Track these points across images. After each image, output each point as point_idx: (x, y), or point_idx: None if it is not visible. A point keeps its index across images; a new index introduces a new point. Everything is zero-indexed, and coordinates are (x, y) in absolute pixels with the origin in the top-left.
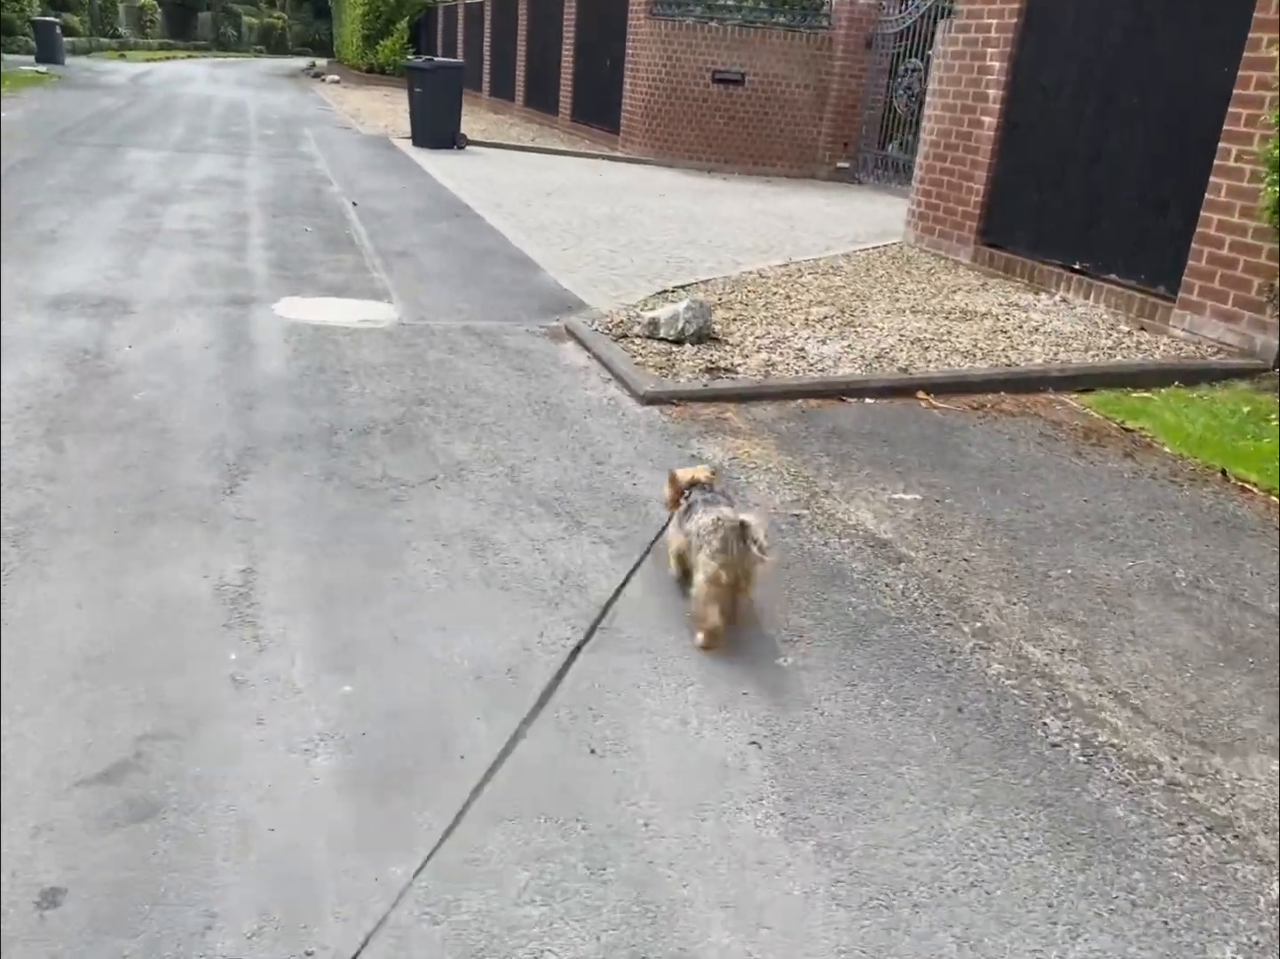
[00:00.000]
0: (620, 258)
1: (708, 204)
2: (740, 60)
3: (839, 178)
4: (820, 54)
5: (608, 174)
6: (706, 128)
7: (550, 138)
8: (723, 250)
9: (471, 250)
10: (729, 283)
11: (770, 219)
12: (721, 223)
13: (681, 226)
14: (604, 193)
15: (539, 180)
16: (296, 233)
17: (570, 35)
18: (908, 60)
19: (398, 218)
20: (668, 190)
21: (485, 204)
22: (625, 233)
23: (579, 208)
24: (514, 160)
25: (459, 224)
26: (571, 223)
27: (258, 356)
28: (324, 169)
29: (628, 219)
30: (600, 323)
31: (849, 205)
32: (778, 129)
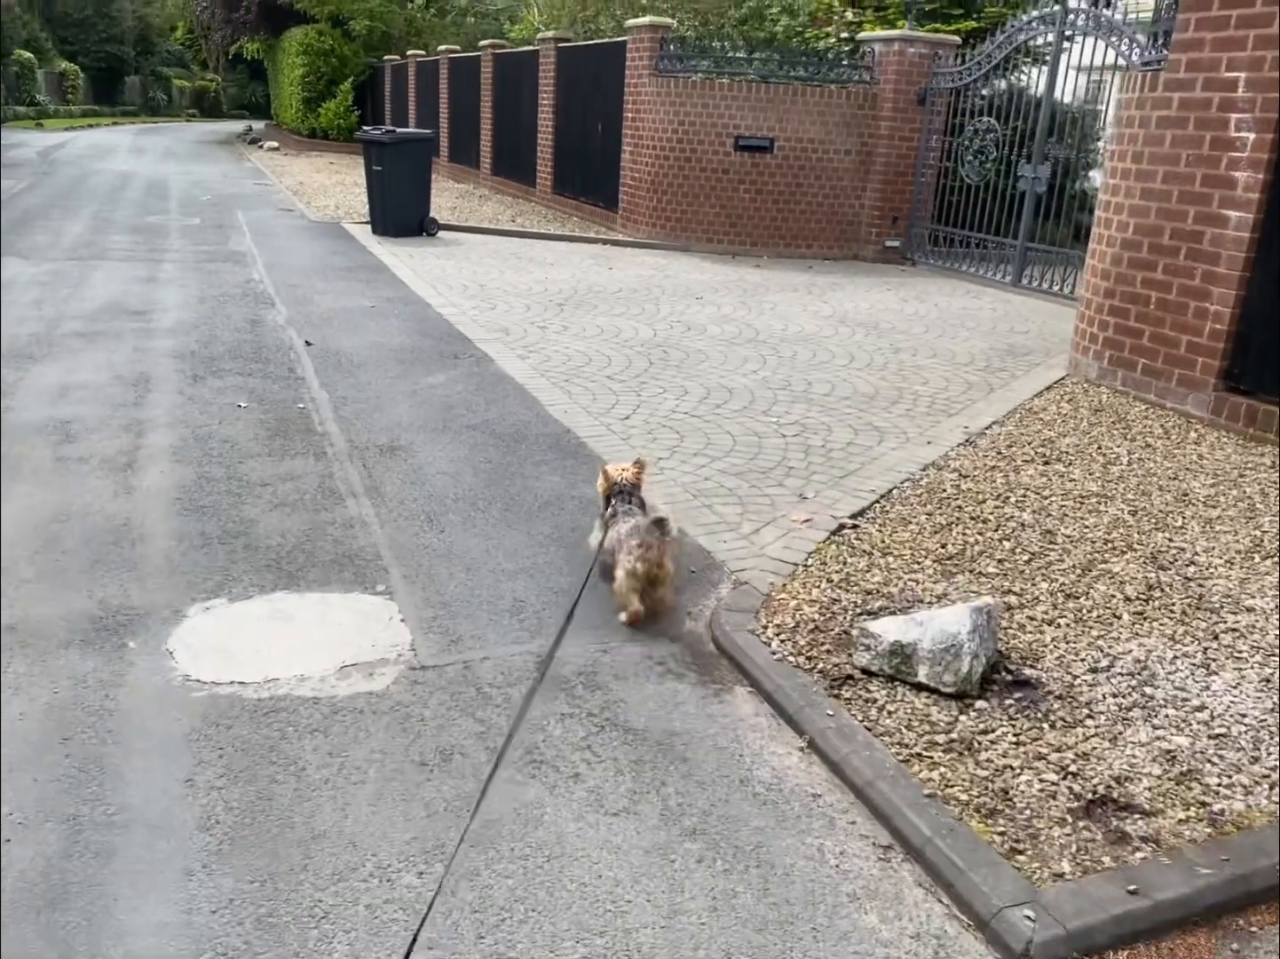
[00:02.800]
0: (712, 430)
1: (761, 309)
2: (768, 123)
3: (888, 258)
4: (863, 113)
5: (618, 266)
6: (729, 204)
7: (531, 215)
8: (843, 407)
9: (495, 432)
10: (923, 496)
11: (852, 332)
12: (799, 344)
13: (757, 357)
14: (627, 298)
15: (541, 281)
16: (225, 415)
17: (549, 95)
18: (977, 119)
19: (374, 368)
20: (702, 289)
21: (487, 330)
22: (689, 375)
23: (608, 329)
24: (499, 249)
25: (462, 373)
26: (611, 359)
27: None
28: (263, 279)
29: (680, 346)
30: (782, 636)
31: (926, 300)
32: (814, 203)
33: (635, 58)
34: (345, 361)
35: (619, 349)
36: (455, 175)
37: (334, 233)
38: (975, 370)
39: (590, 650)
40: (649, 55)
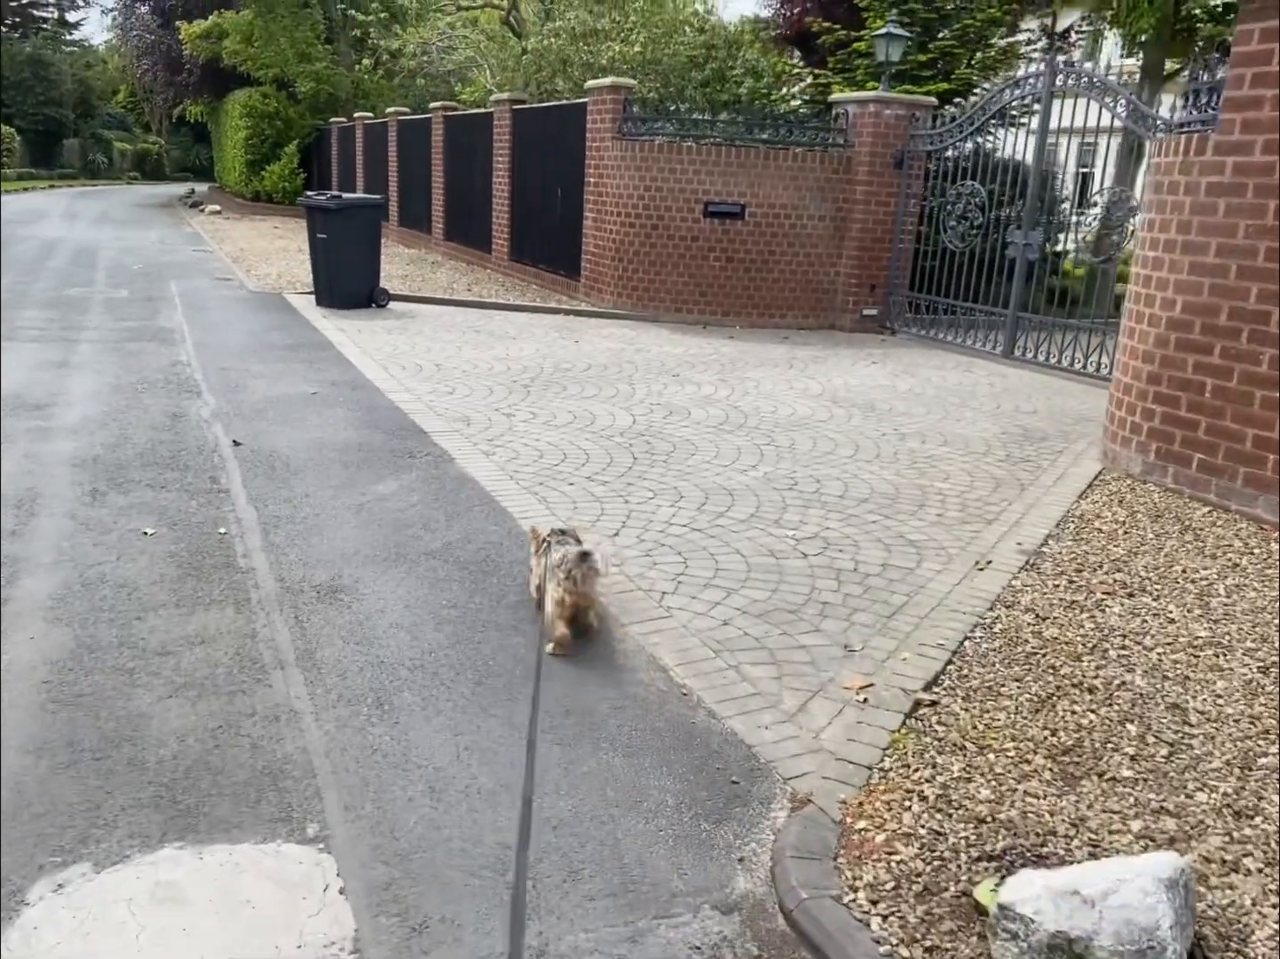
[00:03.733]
0: (719, 549)
1: (744, 388)
2: (739, 188)
3: (866, 327)
4: (837, 177)
5: (584, 338)
6: (699, 272)
7: (488, 284)
8: (864, 513)
9: (460, 560)
10: (1003, 652)
11: (849, 415)
12: (795, 430)
13: (752, 447)
14: (599, 377)
15: (502, 358)
16: (125, 547)
17: (505, 158)
18: (960, 183)
19: (314, 474)
20: (676, 364)
21: (445, 420)
22: (680, 473)
23: (581, 415)
24: (455, 322)
25: (418, 478)
26: (588, 455)
27: None
28: (191, 361)
29: (664, 434)
30: (882, 904)
31: (917, 375)
32: (788, 271)
33: (597, 120)
34: (280, 466)
35: (596, 440)
36: (406, 240)
37: (275, 305)
38: (996, 461)
39: (609, 938)
40: (611, 117)
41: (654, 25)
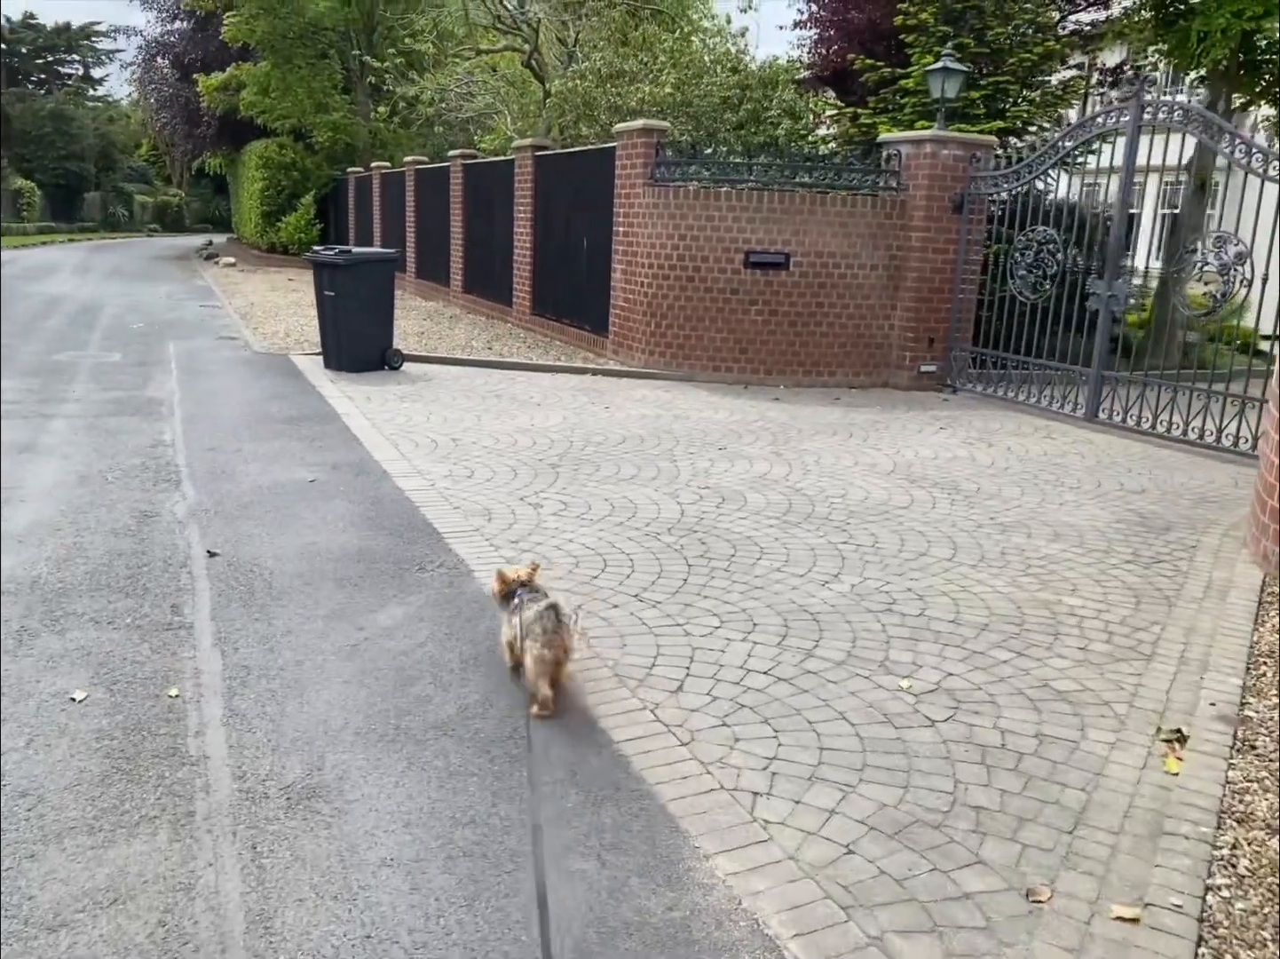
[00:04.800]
0: (815, 711)
1: (802, 463)
2: (782, 236)
3: (923, 385)
4: (890, 223)
5: (615, 403)
6: (739, 327)
7: (509, 340)
8: (990, 649)
9: (477, 735)
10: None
11: (932, 500)
12: (874, 521)
13: (828, 547)
14: (635, 452)
15: (526, 429)
16: (40, 727)
17: (527, 207)
18: (1031, 228)
19: (300, 598)
20: (721, 434)
21: (462, 513)
22: (746, 588)
23: (620, 504)
24: (473, 385)
25: (428, 601)
26: (633, 562)
27: None
28: (175, 440)
29: (719, 530)
30: None
31: (995, 443)
32: (837, 325)
33: (626, 165)
34: (261, 586)
35: (641, 539)
36: (424, 293)
37: (279, 368)
38: (1123, 562)
39: None
40: (642, 162)
41: (684, 66)
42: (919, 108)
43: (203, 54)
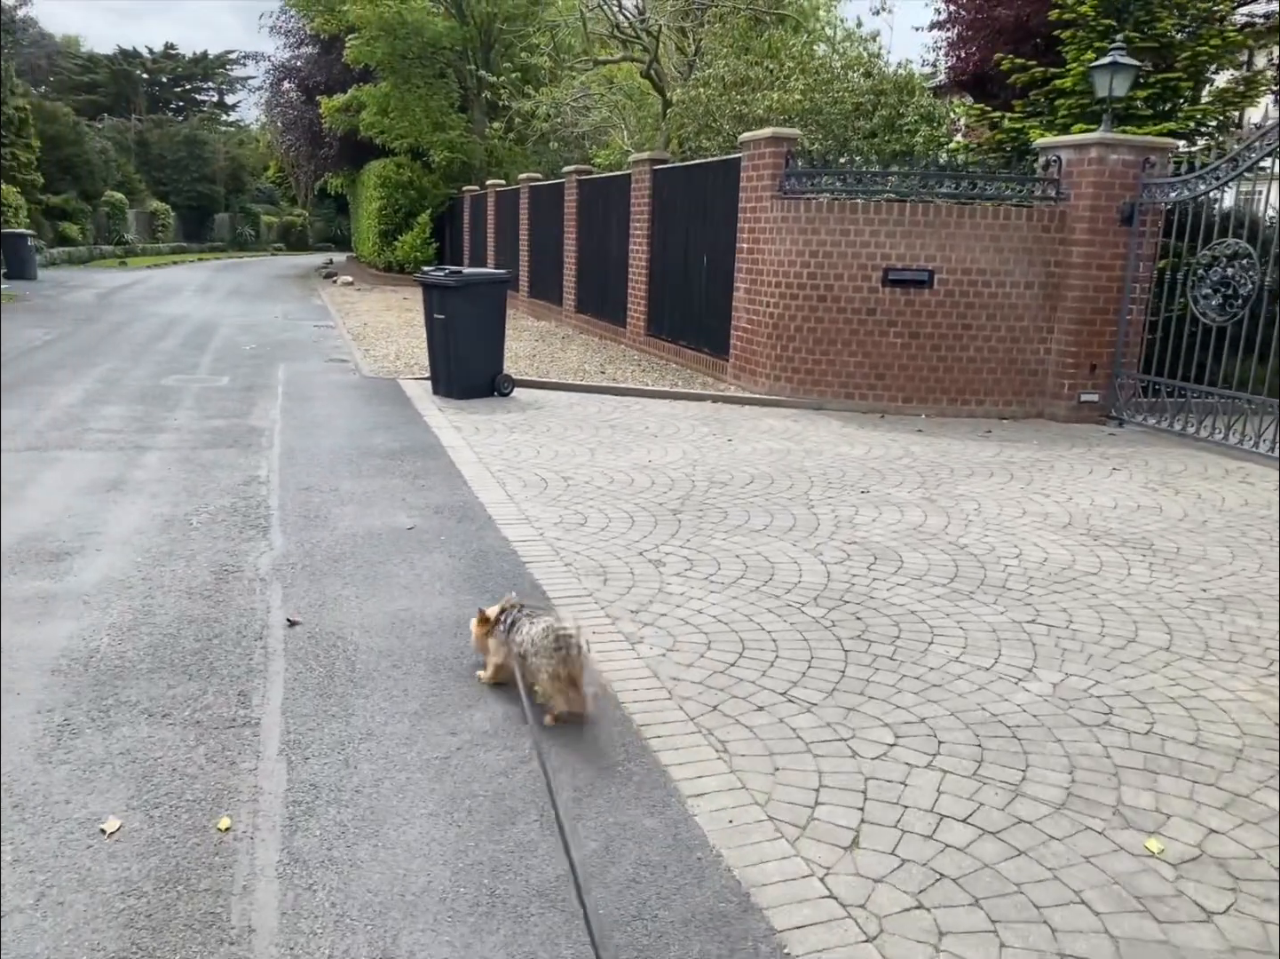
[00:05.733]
0: (1058, 912)
1: (959, 509)
2: (925, 251)
3: (1084, 416)
4: (1048, 236)
5: (739, 435)
6: (875, 351)
7: (623, 362)
8: (1259, 795)
9: (605, 906)
10: None
11: (1125, 564)
12: (1059, 591)
13: (1010, 627)
14: (765, 495)
15: (642, 465)
16: (54, 877)
17: (643, 223)
18: (1219, 241)
19: (386, 683)
20: (861, 472)
21: (573, 571)
22: (922, 684)
23: (754, 562)
24: (586, 414)
25: None
26: (775, 642)
27: None
28: (271, 477)
29: (874, 600)
30: None
31: (1183, 489)
32: (986, 348)
33: (752, 176)
34: (342, 668)
35: (782, 612)
36: (536, 312)
37: (387, 394)
38: None
39: None
40: (770, 173)
41: (813, 71)
42: (1075, 110)
43: (326, 77)
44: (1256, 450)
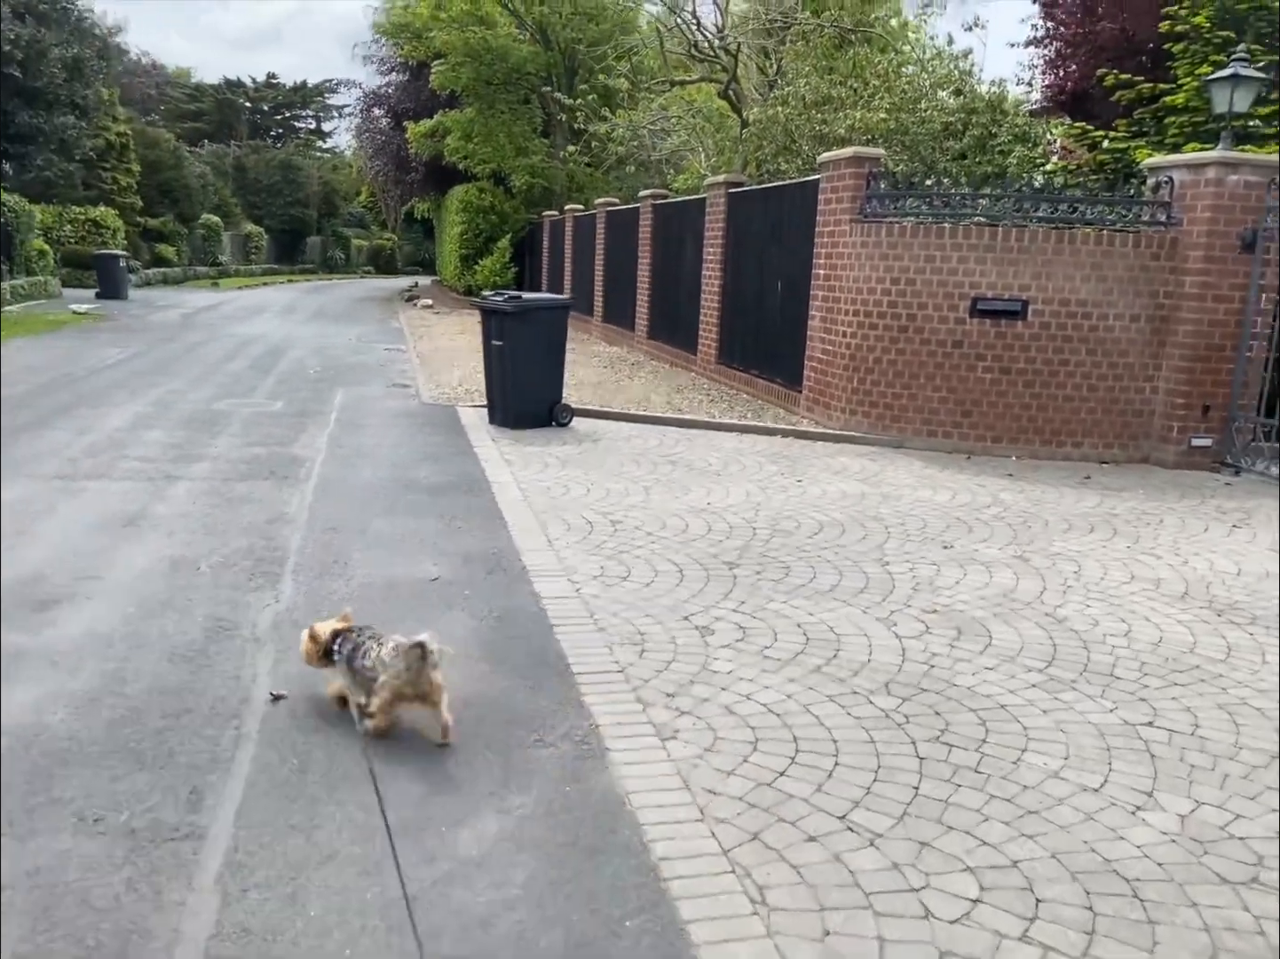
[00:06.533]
0: None
1: (1057, 572)
2: (1018, 280)
3: (1195, 463)
4: (1157, 265)
5: (809, 475)
6: (961, 386)
7: (691, 391)
8: None
9: None
10: None
11: (1254, 643)
12: (1181, 683)
13: (1120, 730)
14: (835, 547)
15: (699, 508)
16: None
17: (717, 248)
18: None
19: (362, 783)
20: (944, 523)
21: (606, 638)
22: (1014, 811)
23: (816, 630)
24: (645, 448)
25: (535, 804)
26: (837, 741)
27: None
28: (299, 514)
29: (958, 689)
30: None
31: None
32: (1085, 386)
33: (831, 199)
34: (319, 759)
35: (846, 700)
36: (609, 338)
37: (442, 422)
38: None
39: None
40: (850, 195)
41: (899, 90)
42: (1187, 129)
43: (414, 103)
44: None
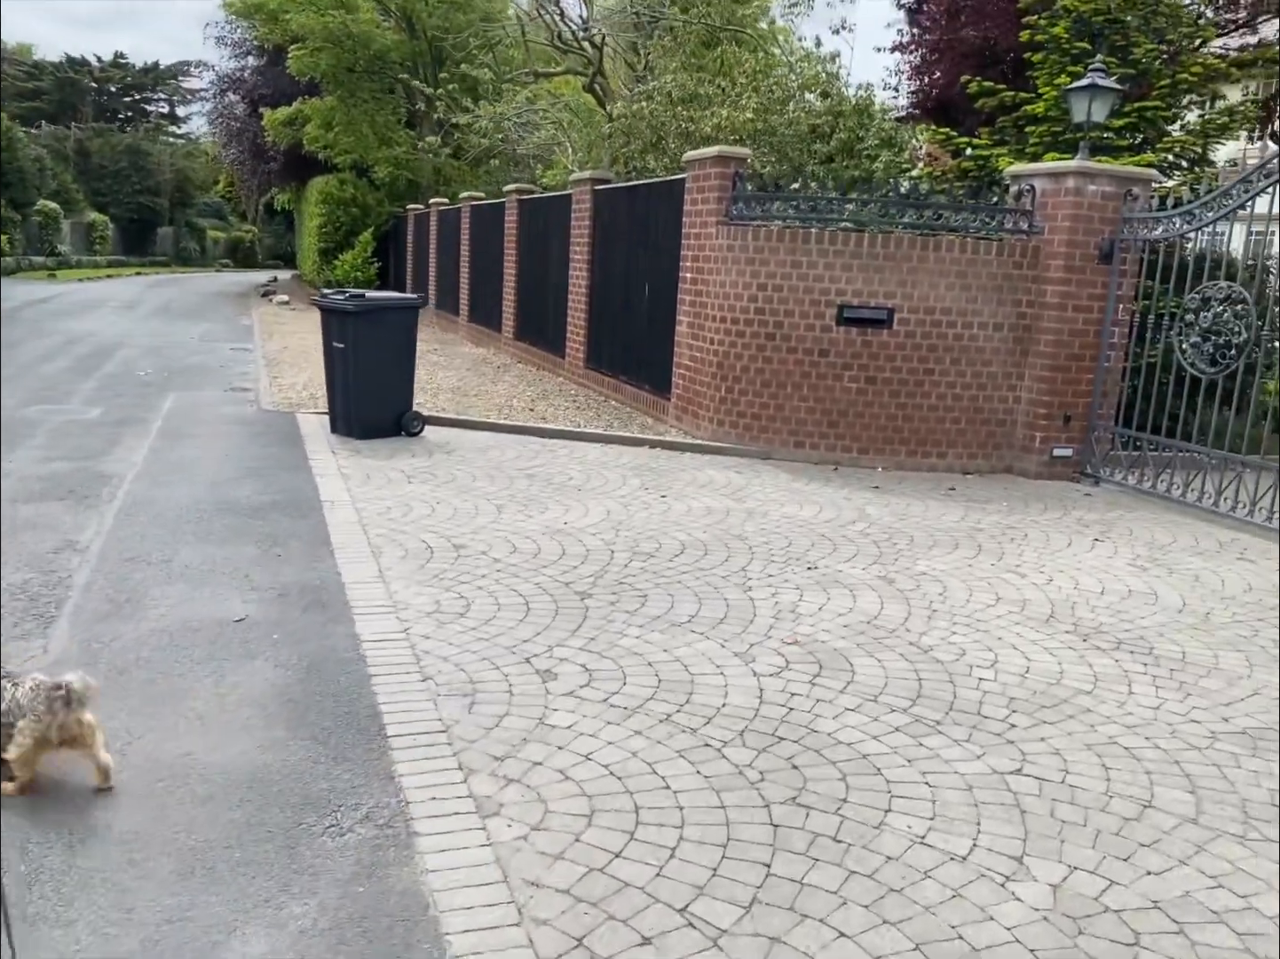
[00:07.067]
0: None
1: (922, 594)
2: (884, 287)
3: (1057, 473)
4: (1020, 273)
5: (674, 490)
6: (828, 396)
7: (557, 398)
8: None
9: None
10: None
11: (1120, 670)
12: (1052, 720)
13: (991, 781)
14: (695, 571)
15: (555, 529)
16: None
17: (583, 248)
18: (1211, 284)
19: (110, 893)
20: (809, 541)
21: (429, 694)
22: (878, 891)
23: (669, 671)
24: (503, 460)
25: (319, 910)
26: (679, 801)
27: None
28: (93, 543)
29: (819, 738)
30: None
31: (1175, 567)
32: (950, 396)
33: (697, 199)
34: (54, 865)
35: (694, 755)
36: (476, 338)
37: (278, 431)
38: None
39: None
40: (716, 196)
41: (767, 90)
42: (1046, 138)
43: (273, 89)
44: (1250, 519)
